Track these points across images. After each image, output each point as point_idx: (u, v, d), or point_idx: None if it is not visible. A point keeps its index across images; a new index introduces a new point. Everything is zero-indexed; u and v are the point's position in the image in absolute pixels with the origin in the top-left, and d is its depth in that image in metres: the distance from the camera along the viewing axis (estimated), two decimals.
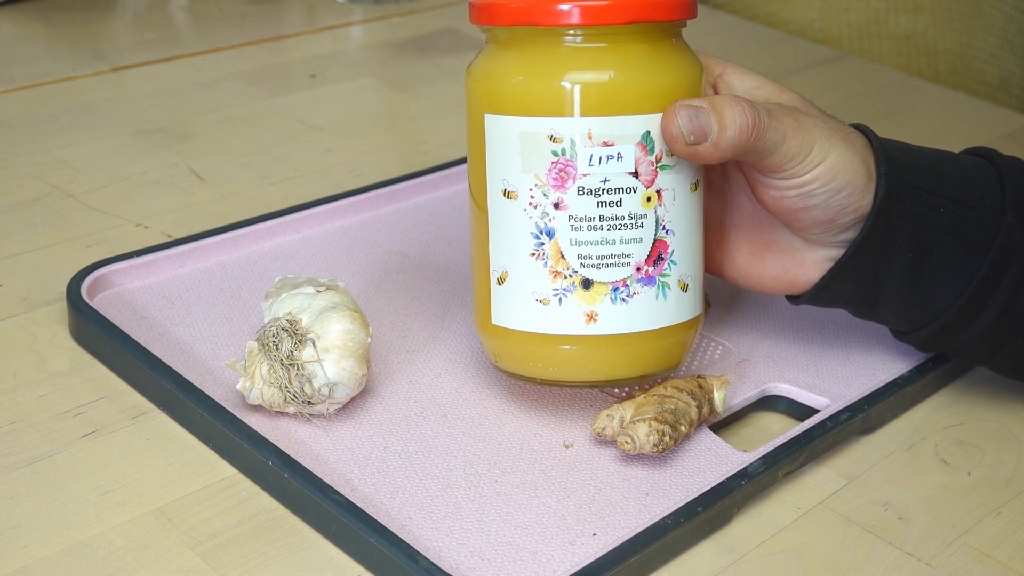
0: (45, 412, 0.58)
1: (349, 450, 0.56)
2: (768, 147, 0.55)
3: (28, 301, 0.67)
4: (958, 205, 0.58)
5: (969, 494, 0.58)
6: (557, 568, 0.50)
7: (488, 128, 0.56)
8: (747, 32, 1.23)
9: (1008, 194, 0.58)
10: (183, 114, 0.92)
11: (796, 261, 0.60)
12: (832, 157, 0.56)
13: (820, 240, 0.59)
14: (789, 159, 0.55)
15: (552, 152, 0.54)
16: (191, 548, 0.51)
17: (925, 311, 0.59)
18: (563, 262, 0.55)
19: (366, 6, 1.19)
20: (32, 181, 0.80)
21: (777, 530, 0.55)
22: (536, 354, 0.57)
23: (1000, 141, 0.98)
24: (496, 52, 0.56)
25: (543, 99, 0.54)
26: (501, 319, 0.57)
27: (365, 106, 0.98)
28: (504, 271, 0.56)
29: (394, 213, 0.78)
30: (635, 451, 0.55)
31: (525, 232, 0.55)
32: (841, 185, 0.56)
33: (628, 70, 0.54)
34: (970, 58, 1.36)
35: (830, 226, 0.58)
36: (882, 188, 0.57)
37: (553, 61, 0.54)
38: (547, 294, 0.56)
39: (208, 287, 0.68)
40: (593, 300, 0.55)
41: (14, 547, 0.50)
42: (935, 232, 0.58)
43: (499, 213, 0.56)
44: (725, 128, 0.54)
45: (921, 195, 0.58)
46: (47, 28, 1.07)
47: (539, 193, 0.55)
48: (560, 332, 0.56)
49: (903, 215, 0.57)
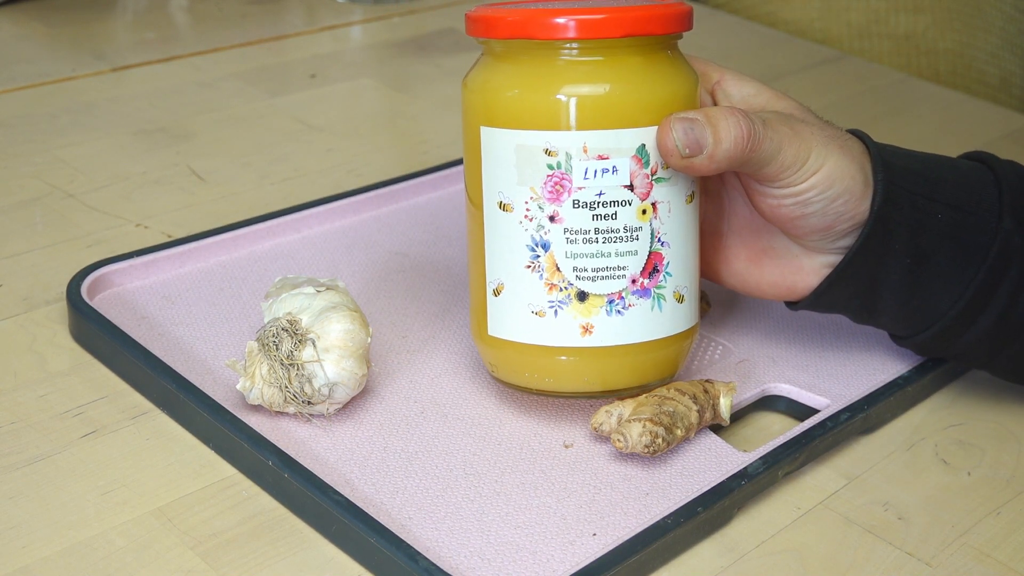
0: (45, 412, 0.58)
1: (349, 450, 0.56)
2: (764, 158, 0.55)
3: (28, 301, 0.67)
4: (955, 210, 0.58)
5: (969, 494, 0.58)
6: (557, 568, 0.50)
7: (484, 140, 0.56)
8: (747, 32, 1.23)
9: (1006, 199, 0.58)
10: (183, 114, 0.92)
11: (794, 268, 0.60)
12: (829, 165, 0.56)
13: (818, 247, 0.59)
14: (785, 168, 0.55)
15: (548, 165, 0.54)
16: (191, 548, 0.51)
17: (923, 316, 0.59)
18: (559, 274, 0.55)
19: (366, 6, 1.19)
20: (32, 181, 0.80)
21: (777, 530, 0.55)
22: (532, 365, 0.57)
23: (1000, 141, 0.98)
24: (492, 64, 0.56)
25: (538, 112, 0.54)
26: (497, 330, 0.57)
27: (365, 106, 0.98)
28: (500, 283, 0.57)
29: (394, 213, 0.78)
30: (627, 450, 0.55)
31: (521, 244, 0.55)
32: (838, 193, 0.56)
33: (623, 83, 0.54)
34: (970, 58, 1.36)
35: (827, 233, 0.58)
36: (879, 195, 0.57)
37: (549, 75, 0.54)
38: (543, 306, 0.56)
39: (208, 287, 0.68)
40: (589, 312, 0.55)
41: (14, 547, 0.50)
42: (932, 238, 0.58)
43: (495, 225, 0.56)
44: (720, 141, 0.53)
45: (918, 201, 0.58)
46: (47, 28, 1.07)
47: (535, 206, 0.55)
48: (556, 344, 0.56)
49: (900, 221, 0.57)
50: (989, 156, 0.62)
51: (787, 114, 0.58)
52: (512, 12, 0.54)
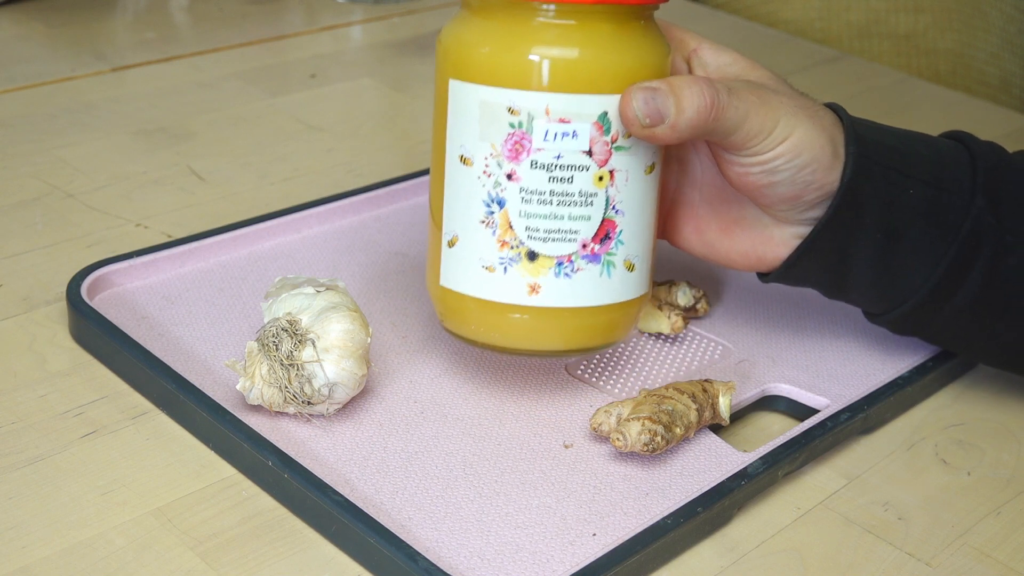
0: (45, 412, 0.58)
1: (349, 450, 0.56)
2: (729, 126, 0.55)
3: (28, 301, 0.67)
4: (928, 186, 0.58)
5: (969, 494, 0.58)
6: (557, 568, 0.50)
7: (451, 93, 0.56)
8: (747, 32, 1.23)
9: (979, 178, 0.58)
10: (183, 114, 0.92)
11: (764, 238, 0.60)
12: (797, 134, 0.56)
13: (788, 217, 0.59)
14: (752, 137, 0.55)
15: (509, 124, 0.55)
16: (191, 548, 0.51)
17: (895, 293, 0.60)
18: (511, 232, 0.56)
19: (366, 6, 1.19)
20: (32, 181, 0.80)
21: (777, 530, 0.55)
22: (479, 320, 0.58)
23: (1000, 141, 0.97)
24: (467, 19, 0.57)
25: (505, 70, 0.54)
26: (448, 281, 0.58)
27: (365, 106, 0.98)
28: (455, 235, 0.57)
29: (394, 213, 0.78)
30: (626, 448, 0.55)
31: (477, 199, 0.56)
32: (805, 162, 0.56)
33: (591, 49, 0.54)
34: (970, 58, 1.36)
35: (796, 203, 0.58)
36: (849, 167, 0.57)
37: (519, 34, 0.54)
38: (493, 262, 0.56)
39: (208, 287, 0.68)
40: (537, 272, 0.56)
41: (14, 547, 0.50)
42: (904, 213, 0.58)
43: (454, 177, 0.57)
44: (683, 110, 0.53)
45: (891, 175, 0.58)
46: (47, 28, 1.07)
47: (494, 163, 0.55)
48: (503, 300, 0.57)
49: (872, 194, 0.57)
50: (967, 135, 0.62)
51: (758, 84, 0.58)
52: None
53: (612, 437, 0.55)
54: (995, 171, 0.59)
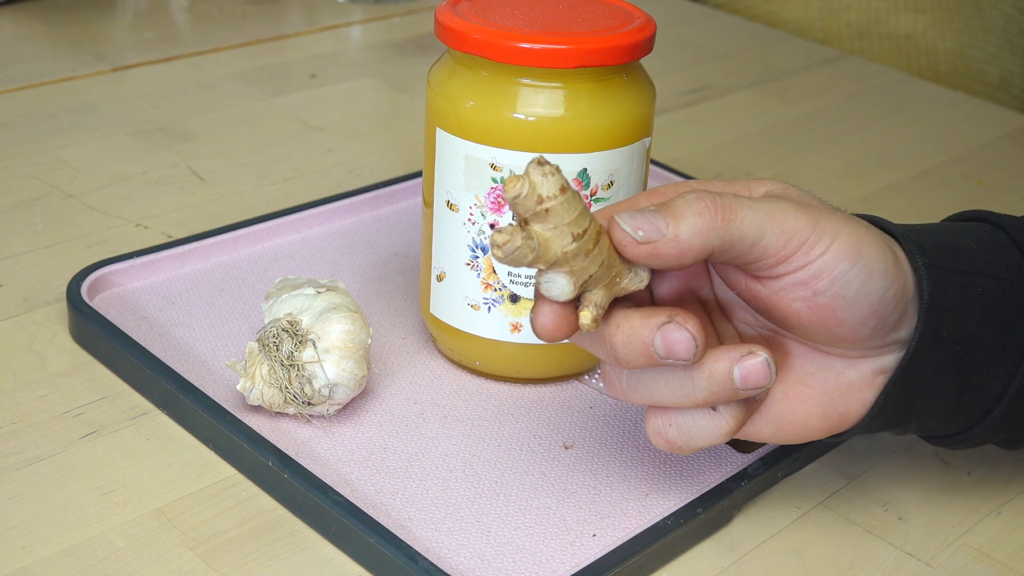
0: (45, 412, 0.58)
1: (349, 451, 0.56)
2: (747, 230, 0.46)
3: (28, 301, 0.67)
4: (991, 279, 0.50)
5: (969, 494, 0.58)
6: (557, 569, 0.50)
7: (439, 141, 0.58)
8: (747, 32, 1.23)
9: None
10: (183, 114, 0.92)
11: (842, 388, 0.50)
12: (846, 232, 0.47)
13: (868, 345, 0.49)
14: (787, 241, 0.47)
15: (492, 179, 0.57)
16: (191, 548, 0.51)
17: (976, 407, 0.51)
18: (494, 276, 0.58)
19: (366, 6, 1.19)
20: (32, 181, 0.80)
21: (777, 530, 0.55)
22: (466, 349, 0.61)
23: (1000, 141, 0.98)
24: (453, 67, 0.58)
25: (488, 128, 0.56)
26: (437, 311, 0.61)
27: (365, 106, 0.98)
28: (443, 271, 0.60)
29: (394, 213, 0.78)
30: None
31: (463, 243, 0.58)
32: (872, 265, 0.47)
33: (573, 110, 0.56)
34: (970, 58, 1.36)
35: (881, 322, 0.48)
36: (925, 279, 0.49)
37: (501, 93, 0.56)
38: (478, 301, 0.59)
39: (208, 287, 0.68)
40: (519, 313, 0.59)
41: (14, 547, 0.50)
42: (977, 316, 0.50)
43: (442, 219, 0.59)
44: (681, 217, 0.46)
45: (958, 278, 0.50)
46: (47, 28, 1.07)
47: (478, 212, 0.57)
48: (487, 336, 0.60)
49: (948, 306, 0.49)
50: (988, 213, 0.54)
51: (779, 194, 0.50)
52: (474, 28, 0.55)
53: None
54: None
